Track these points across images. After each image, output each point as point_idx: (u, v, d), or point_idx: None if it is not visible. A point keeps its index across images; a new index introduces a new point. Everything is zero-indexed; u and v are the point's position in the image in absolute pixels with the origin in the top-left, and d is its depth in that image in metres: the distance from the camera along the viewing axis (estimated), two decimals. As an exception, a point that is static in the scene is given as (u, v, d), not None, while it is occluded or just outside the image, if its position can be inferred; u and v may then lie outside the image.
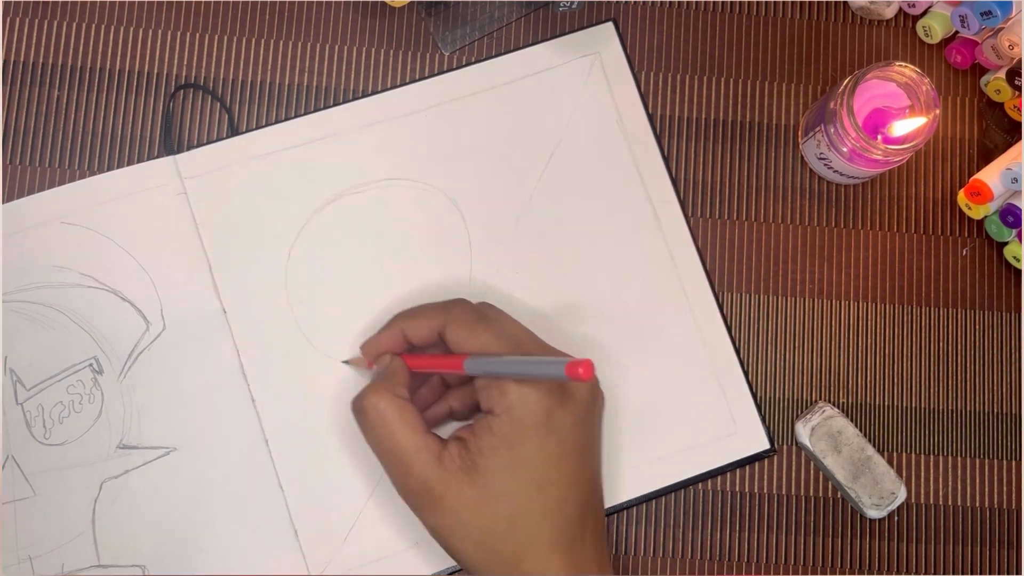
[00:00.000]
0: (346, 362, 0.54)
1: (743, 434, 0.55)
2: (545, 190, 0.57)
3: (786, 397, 0.56)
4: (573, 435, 0.46)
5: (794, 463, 0.56)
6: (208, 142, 0.56)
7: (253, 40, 0.58)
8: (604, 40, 0.58)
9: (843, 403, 0.56)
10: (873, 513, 0.54)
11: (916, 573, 0.55)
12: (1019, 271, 0.57)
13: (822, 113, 0.54)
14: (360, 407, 0.47)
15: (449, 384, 0.52)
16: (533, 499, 0.45)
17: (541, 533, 0.45)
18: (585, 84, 0.58)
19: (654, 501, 0.55)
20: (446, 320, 0.48)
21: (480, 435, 0.45)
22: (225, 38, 0.58)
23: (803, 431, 0.54)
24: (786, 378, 0.56)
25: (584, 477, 0.47)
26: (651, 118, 0.58)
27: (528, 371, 0.45)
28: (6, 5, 0.57)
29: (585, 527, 0.47)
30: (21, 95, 0.56)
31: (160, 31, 0.57)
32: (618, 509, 0.54)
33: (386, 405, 0.46)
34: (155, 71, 0.57)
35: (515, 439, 0.45)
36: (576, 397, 0.46)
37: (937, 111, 0.52)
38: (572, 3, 0.56)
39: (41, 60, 0.57)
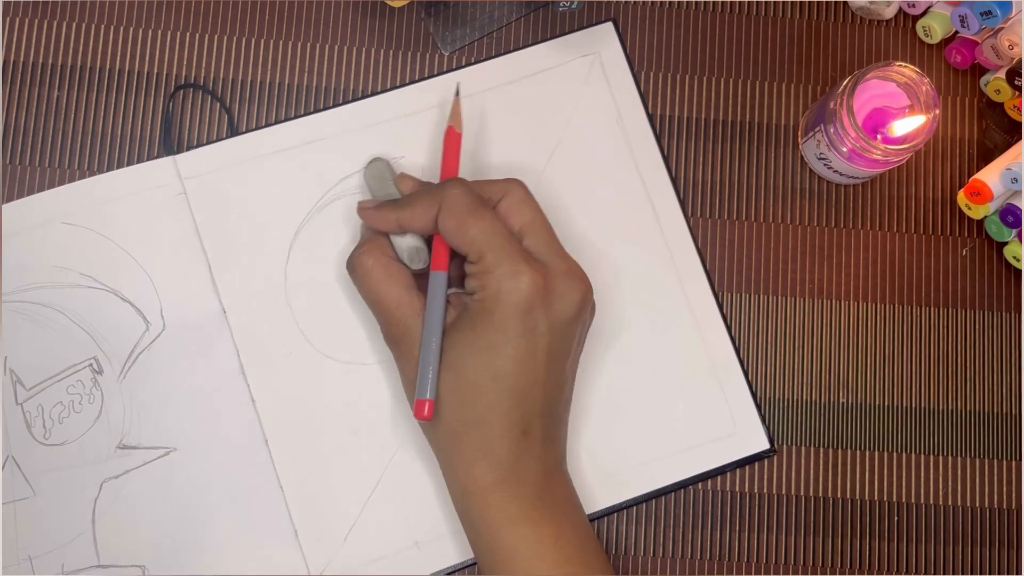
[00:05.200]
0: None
1: (743, 434, 0.55)
2: (545, 190, 0.56)
3: (786, 397, 0.56)
4: (547, 338, 0.47)
5: (794, 463, 0.56)
6: (208, 142, 0.56)
7: (253, 40, 0.58)
8: (604, 40, 0.58)
9: (843, 403, 0.56)
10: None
11: (916, 573, 0.55)
12: (1019, 271, 0.57)
13: (822, 113, 0.54)
14: (350, 264, 0.51)
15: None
16: (486, 386, 0.46)
17: (490, 417, 0.47)
18: (585, 84, 0.58)
19: (654, 501, 0.55)
20: (439, 208, 0.48)
21: (455, 308, 0.49)
22: (225, 38, 0.58)
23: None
24: (786, 378, 0.56)
25: (548, 379, 0.48)
26: (651, 118, 0.58)
27: (423, 353, 0.48)
28: (6, 5, 0.57)
29: (543, 426, 0.48)
30: (21, 95, 0.56)
31: (160, 31, 0.57)
32: (618, 509, 0.54)
33: (374, 263, 0.49)
34: (155, 71, 0.57)
35: (481, 325, 0.46)
36: (561, 303, 0.47)
37: (937, 111, 0.52)
38: (572, 3, 0.56)
39: (41, 60, 0.57)
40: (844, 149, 0.53)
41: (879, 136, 0.54)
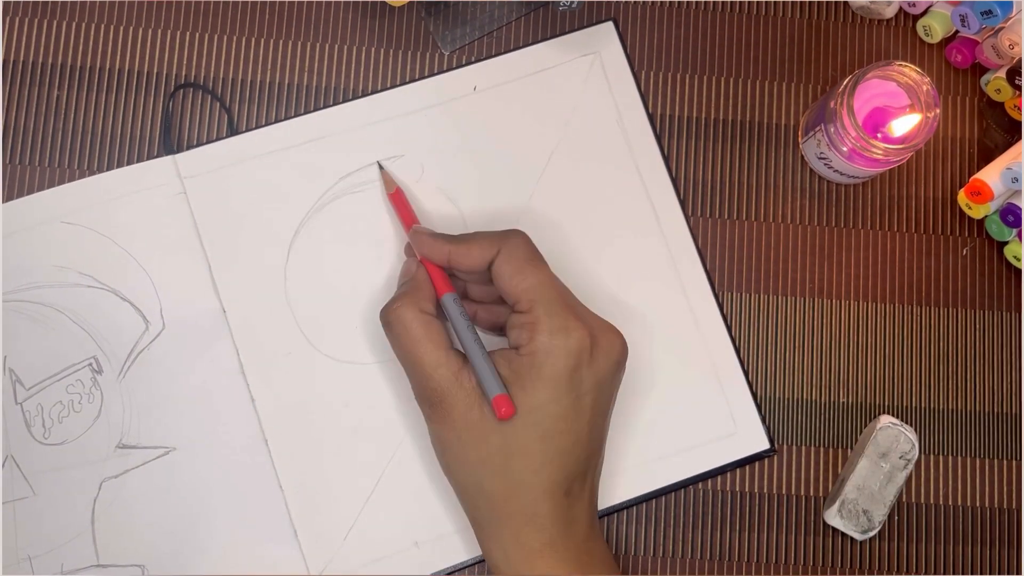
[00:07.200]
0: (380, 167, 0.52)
1: (743, 434, 0.55)
2: (545, 190, 0.57)
3: (786, 397, 0.56)
4: (591, 396, 0.46)
5: (794, 463, 0.56)
6: (208, 142, 0.56)
7: (253, 39, 0.58)
8: (604, 40, 0.58)
9: (843, 403, 0.56)
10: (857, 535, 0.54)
11: (916, 573, 0.55)
12: (1019, 271, 0.57)
13: (822, 113, 0.54)
14: (387, 319, 0.48)
15: (474, 298, 0.52)
16: (534, 446, 0.45)
17: (535, 480, 0.45)
18: (585, 84, 0.58)
19: (654, 501, 0.55)
20: (498, 251, 0.47)
21: (500, 364, 0.46)
22: (225, 37, 0.58)
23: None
24: (786, 378, 0.56)
25: (591, 437, 0.47)
26: (651, 117, 0.58)
27: (477, 364, 0.46)
28: (6, 4, 0.57)
29: (583, 485, 0.47)
30: (21, 94, 0.56)
31: (160, 30, 0.57)
32: (618, 509, 0.54)
33: (411, 318, 0.47)
34: (155, 70, 0.57)
35: (529, 384, 0.45)
36: (604, 360, 0.46)
37: (937, 110, 0.52)
38: (572, 2, 0.56)
39: (41, 59, 0.57)
40: (844, 149, 0.53)
41: (879, 135, 0.54)
